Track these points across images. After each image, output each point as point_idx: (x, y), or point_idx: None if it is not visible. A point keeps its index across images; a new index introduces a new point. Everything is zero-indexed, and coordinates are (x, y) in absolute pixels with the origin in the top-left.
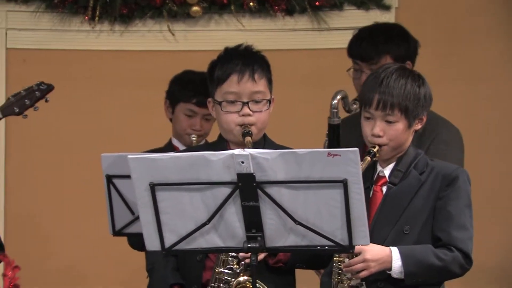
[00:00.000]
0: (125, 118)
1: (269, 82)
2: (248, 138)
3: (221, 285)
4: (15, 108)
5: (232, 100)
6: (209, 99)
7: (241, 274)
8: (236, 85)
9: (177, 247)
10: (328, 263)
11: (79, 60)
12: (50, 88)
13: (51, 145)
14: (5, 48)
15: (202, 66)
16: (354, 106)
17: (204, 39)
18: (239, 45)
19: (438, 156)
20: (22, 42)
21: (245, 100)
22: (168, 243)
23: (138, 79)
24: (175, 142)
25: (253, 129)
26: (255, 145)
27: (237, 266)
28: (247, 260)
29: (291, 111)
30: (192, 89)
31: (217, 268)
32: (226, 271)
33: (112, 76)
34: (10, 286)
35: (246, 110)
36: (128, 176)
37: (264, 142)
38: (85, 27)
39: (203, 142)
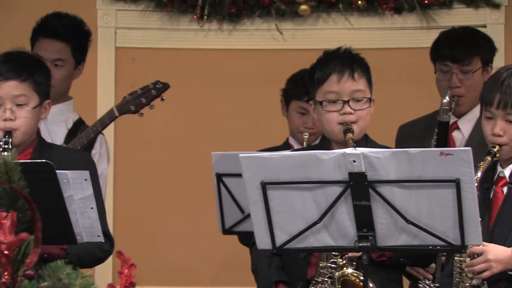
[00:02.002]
0: (233, 116)
1: (369, 82)
2: (349, 135)
3: (325, 279)
4: (131, 106)
5: (333, 99)
6: (311, 102)
7: (345, 267)
8: (336, 84)
9: (288, 246)
10: (432, 261)
11: (188, 59)
12: (166, 86)
13: (159, 143)
14: (114, 47)
15: (310, 64)
16: (452, 105)
17: (312, 37)
18: (338, 48)
19: None
20: (131, 41)
21: (345, 99)
22: (279, 241)
23: (246, 77)
24: (291, 141)
25: (354, 127)
26: (357, 145)
27: (341, 260)
28: (351, 254)
29: (398, 109)
30: (304, 87)
31: (321, 263)
32: (330, 265)
33: (220, 75)
34: (127, 284)
35: (347, 108)
36: (238, 175)
37: (366, 142)
38: (194, 26)
39: (317, 142)
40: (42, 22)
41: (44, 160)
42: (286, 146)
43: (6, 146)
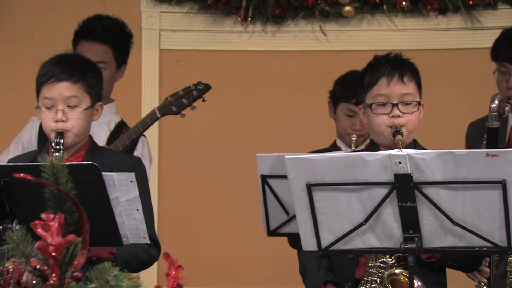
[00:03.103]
0: (276, 118)
1: (419, 87)
2: (399, 137)
3: (374, 279)
4: (173, 107)
5: (382, 102)
6: (360, 106)
7: (394, 267)
8: (386, 87)
9: (333, 247)
10: (479, 265)
11: (232, 60)
12: (207, 88)
13: (204, 145)
14: (158, 49)
15: (354, 66)
16: (506, 108)
17: (356, 39)
18: (389, 53)
19: None
20: (175, 43)
21: (395, 102)
22: (324, 243)
23: (290, 79)
24: (339, 143)
25: (404, 130)
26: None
27: (390, 259)
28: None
29: (443, 111)
30: (351, 89)
31: (370, 262)
32: (379, 264)
33: (264, 76)
34: (174, 286)
35: (396, 111)
36: (283, 176)
37: (414, 146)
38: (238, 27)
39: (364, 144)
40: (84, 25)
41: (90, 162)
42: (333, 148)
43: (57, 147)
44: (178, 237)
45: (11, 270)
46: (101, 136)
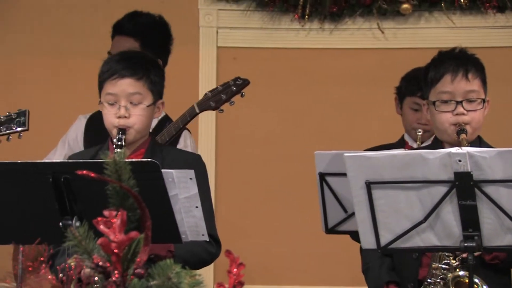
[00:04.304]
0: (334, 115)
1: (484, 83)
2: (463, 135)
3: (438, 280)
4: (211, 103)
5: (446, 99)
6: (424, 102)
7: (458, 269)
8: (450, 84)
9: (392, 246)
10: None
11: (289, 58)
12: (246, 83)
13: (261, 143)
14: (215, 46)
15: (411, 64)
16: None
17: (413, 36)
18: (453, 48)
19: None
20: (232, 41)
21: (459, 99)
22: (383, 241)
23: (347, 77)
24: (406, 137)
25: (468, 128)
26: (470, 146)
27: (454, 261)
28: (464, 255)
29: (506, 110)
30: (417, 83)
31: (434, 264)
32: (443, 266)
33: (321, 74)
34: (235, 283)
35: (460, 109)
36: (341, 174)
37: (479, 144)
38: (295, 25)
39: (430, 140)
40: (117, 21)
41: (149, 159)
42: (401, 143)
43: (119, 143)
44: (234, 235)
45: (73, 266)
46: None
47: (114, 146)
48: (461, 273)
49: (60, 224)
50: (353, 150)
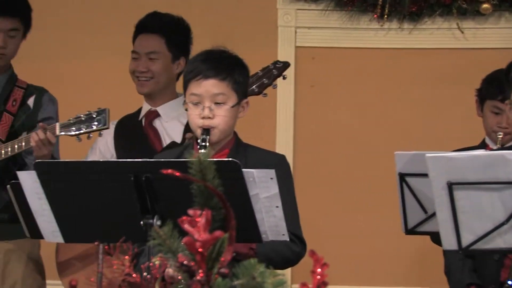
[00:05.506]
0: (413, 115)
1: None
2: None
3: None
4: (254, 88)
5: None
6: (507, 101)
7: None
8: None
9: (474, 247)
10: None
11: (368, 58)
12: (286, 65)
13: (340, 142)
14: (294, 46)
15: (491, 64)
16: None
17: (494, 36)
18: None
19: None
20: (311, 40)
21: None
22: (465, 242)
23: (426, 77)
24: (488, 141)
25: None
26: None
27: None
28: None
29: None
30: (498, 86)
31: None
32: None
33: (400, 74)
34: (320, 283)
35: None
36: (422, 174)
37: None
38: (374, 25)
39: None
40: (139, 21)
41: (230, 159)
42: (482, 146)
43: (203, 143)
44: (314, 235)
45: (157, 265)
46: (175, 130)
47: (198, 146)
48: None
49: (141, 223)
50: (433, 150)
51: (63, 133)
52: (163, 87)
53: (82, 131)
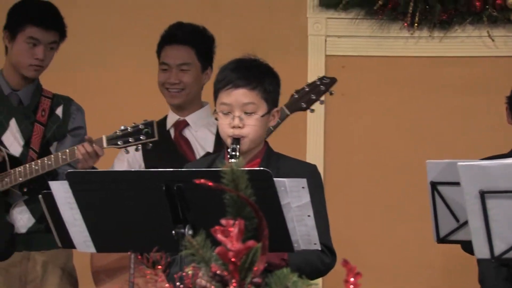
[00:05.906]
0: (444, 124)
1: None
2: None
3: None
4: (302, 103)
5: None
6: None
7: None
8: None
9: (506, 256)
10: None
11: (398, 66)
12: (333, 81)
13: (371, 151)
14: (324, 54)
15: None
16: None
17: None
18: None
19: None
20: (341, 49)
21: None
22: (497, 251)
23: (457, 85)
24: None
25: None
26: None
27: None
28: None
29: None
30: None
31: None
32: None
33: (431, 82)
34: None
35: None
36: (454, 183)
37: None
38: (404, 33)
39: None
40: (165, 32)
41: (261, 168)
42: None
43: (233, 153)
44: (346, 244)
45: (190, 275)
46: (206, 139)
47: (229, 156)
48: None
49: (173, 232)
50: (464, 159)
51: (110, 145)
52: (193, 97)
53: (130, 144)
